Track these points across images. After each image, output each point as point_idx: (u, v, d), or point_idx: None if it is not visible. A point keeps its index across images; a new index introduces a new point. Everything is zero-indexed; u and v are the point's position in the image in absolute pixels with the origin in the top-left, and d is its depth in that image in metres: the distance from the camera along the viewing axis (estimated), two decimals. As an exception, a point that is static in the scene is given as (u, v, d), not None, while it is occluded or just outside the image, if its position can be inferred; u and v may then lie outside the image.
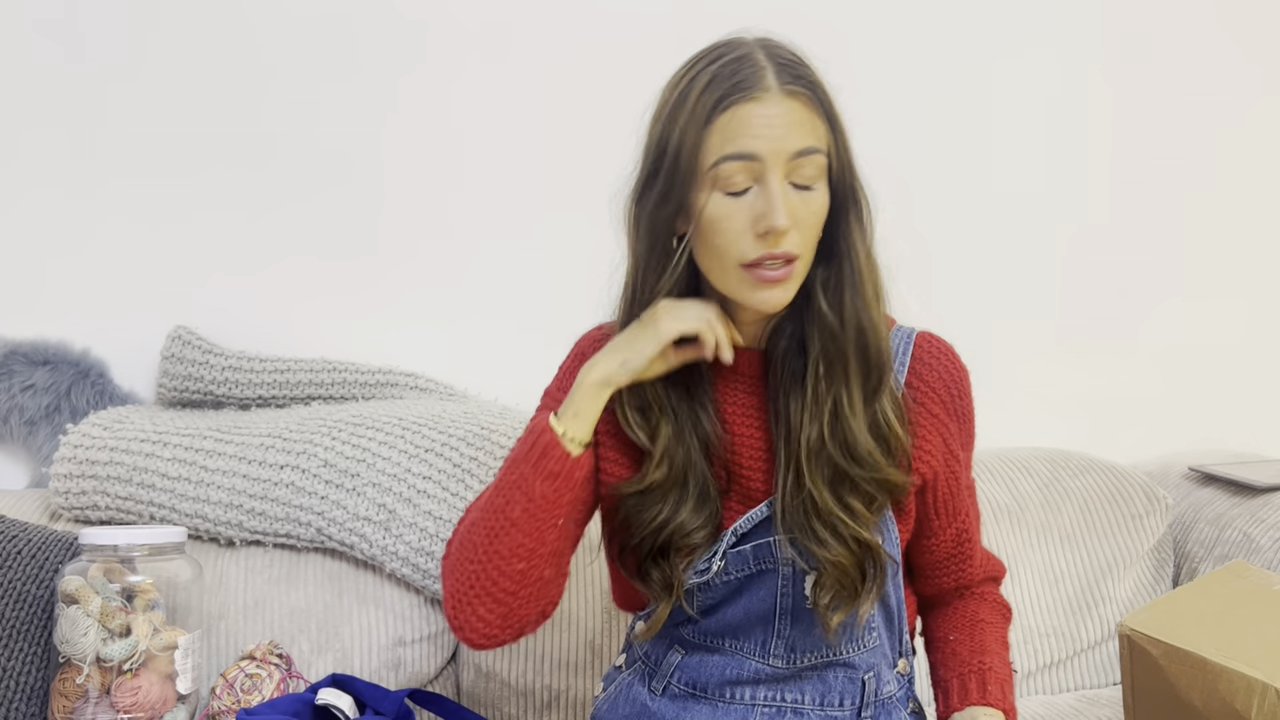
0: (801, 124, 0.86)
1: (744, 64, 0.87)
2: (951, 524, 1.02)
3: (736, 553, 0.94)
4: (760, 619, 0.95)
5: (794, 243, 0.87)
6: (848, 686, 0.97)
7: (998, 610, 1.07)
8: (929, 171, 1.75)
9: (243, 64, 1.53)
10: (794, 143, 0.85)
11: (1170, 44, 1.83)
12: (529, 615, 0.95)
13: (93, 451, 1.33)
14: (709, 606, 0.97)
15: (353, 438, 1.34)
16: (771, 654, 0.96)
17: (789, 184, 0.86)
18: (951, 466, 1.00)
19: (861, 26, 1.70)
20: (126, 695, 1.07)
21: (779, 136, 0.85)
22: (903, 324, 1.01)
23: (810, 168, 0.87)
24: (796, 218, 0.87)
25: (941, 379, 0.98)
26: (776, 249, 0.86)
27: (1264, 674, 0.94)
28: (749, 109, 0.85)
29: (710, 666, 0.97)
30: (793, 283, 0.89)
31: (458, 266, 1.60)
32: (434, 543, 1.29)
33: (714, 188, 0.87)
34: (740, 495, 0.96)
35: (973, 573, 1.06)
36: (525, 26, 1.60)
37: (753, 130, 0.85)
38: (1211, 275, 1.88)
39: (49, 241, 1.50)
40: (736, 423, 0.97)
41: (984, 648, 1.01)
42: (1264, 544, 1.47)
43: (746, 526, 0.94)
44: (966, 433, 1.02)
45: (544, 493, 0.90)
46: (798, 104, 0.86)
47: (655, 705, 0.99)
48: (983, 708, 0.95)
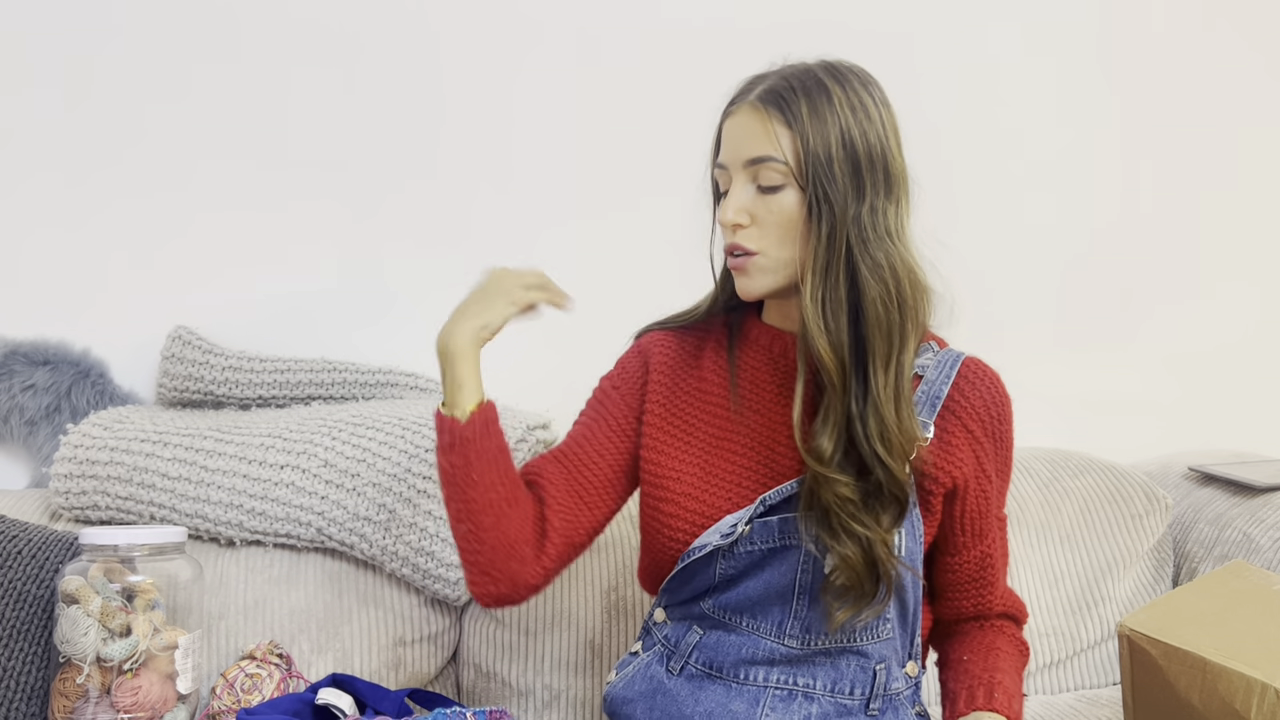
0: (759, 134, 0.96)
1: (753, 79, 1.00)
2: (977, 544, 1.04)
3: (763, 523, 0.97)
4: (779, 596, 0.98)
5: (748, 238, 0.97)
6: (859, 675, 0.99)
7: (1014, 644, 1.08)
8: (930, 171, 1.75)
9: (243, 63, 1.53)
10: (748, 151, 0.97)
11: (1176, 45, 1.83)
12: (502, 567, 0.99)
13: (93, 451, 1.33)
14: (730, 576, 0.99)
15: (353, 438, 1.34)
16: (787, 634, 0.98)
17: (755, 186, 0.97)
18: (982, 484, 1.03)
19: (866, 28, 1.70)
20: (127, 695, 1.08)
21: (737, 146, 0.98)
22: (954, 348, 1.05)
23: (766, 173, 0.96)
24: (754, 215, 0.97)
25: (984, 401, 1.02)
26: (732, 240, 0.98)
27: (1263, 674, 0.94)
28: (728, 124, 1.00)
29: (727, 646, 1.00)
30: (756, 274, 0.98)
31: (458, 266, 1.60)
32: (434, 542, 1.29)
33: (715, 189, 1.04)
34: (774, 474, 1.01)
35: (993, 601, 1.07)
36: (523, 26, 1.60)
37: (726, 142, 1.00)
38: (1212, 276, 1.88)
39: (49, 241, 1.50)
40: (780, 405, 1.03)
41: (996, 667, 1.02)
42: (1264, 544, 1.47)
43: (776, 499, 0.98)
44: (1003, 460, 1.05)
45: (452, 463, 0.98)
46: (763, 115, 0.96)
47: (671, 684, 1.02)
48: (988, 713, 0.96)
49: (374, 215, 1.58)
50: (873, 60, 1.71)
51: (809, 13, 1.67)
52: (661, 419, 1.06)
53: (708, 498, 1.01)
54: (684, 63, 1.63)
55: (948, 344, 1.05)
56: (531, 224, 1.62)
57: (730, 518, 0.99)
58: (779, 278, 0.98)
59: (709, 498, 1.01)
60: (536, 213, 1.62)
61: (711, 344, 1.09)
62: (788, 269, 0.97)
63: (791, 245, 0.96)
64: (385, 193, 1.58)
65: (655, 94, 1.63)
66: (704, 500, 1.01)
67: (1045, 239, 1.81)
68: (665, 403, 1.07)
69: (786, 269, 0.97)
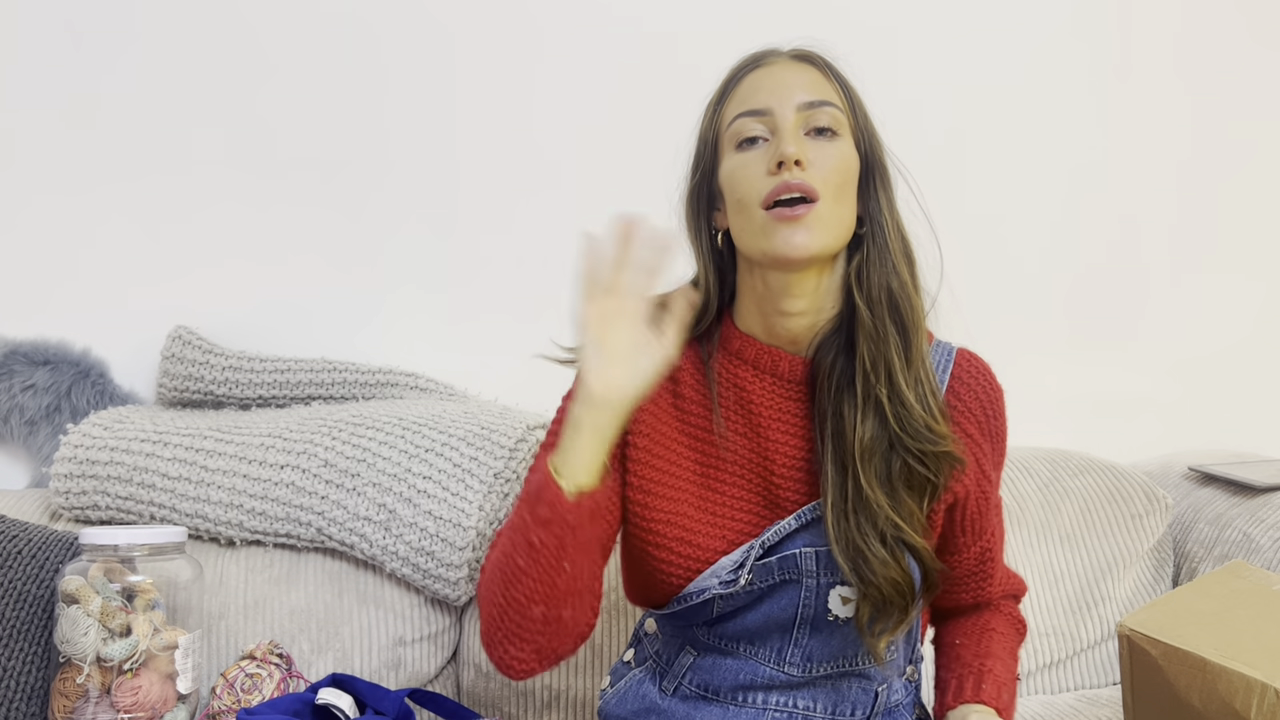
0: (810, 82, 0.90)
1: (761, 51, 0.95)
2: (976, 542, 1.02)
3: (762, 564, 0.92)
4: (779, 627, 0.94)
5: (811, 178, 0.86)
6: (860, 697, 0.96)
7: (1011, 623, 1.07)
8: (930, 170, 1.75)
9: (244, 63, 1.53)
10: (801, 95, 0.89)
11: (1185, 43, 1.83)
12: (562, 648, 0.89)
13: (93, 451, 1.33)
14: (728, 613, 0.95)
15: (353, 438, 1.34)
16: (787, 662, 0.94)
17: (804, 133, 0.89)
18: (983, 486, 1.00)
19: (882, 18, 1.70)
20: (127, 695, 1.07)
21: (787, 89, 0.89)
22: (941, 339, 1.00)
23: (824, 117, 0.89)
24: (811, 158, 0.87)
25: (978, 398, 0.98)
26: (791, 178, 0.85)
27: (1263, 674, 0.94)
28: (758, 74, 0.91)
29: (723, 670, 0.96)
30: (816, 226, 0.86)
31: (458, 266, 1.60)
32: (434, 542, 1.29)
33: (731, 147, 0.91)
34: (770, 504, 0.95)
35: (991, 591, 1.06)
36: (519, 26, 1.60)
37: (763, 89, 0.90)
38: (1212, 276, 1.88)
39: (49, 241, 1.50)
40: (773, 429, 0.95)
41: (988, 652, 1.01)
42: (1264, 544, 1.47)
43: (775, 539, 0.92)
44: (999, 452, 1.01)
45: (543, 540, 0.82)
46: (807, 66, 0.91)
47: (665, 704, 0.98)
48: (975, 705, 0.95)
49: (374, 215, 1.58)
50: (888, 53, 1.72)
51: (808, 12, 1.67)
52: (646, 453, 0.95)
53: (702, 540, 0.94)
54: (681, 64, 1.63)
55: (934, 335, 0.99)
56: (532, 223, 1.62)
57: (728, 561, 0.92)
58: (831, 238, 0.88)
59: (703, 540, 0.94)
60: (537, 212, 1.62)
61: (688, 359, 0.98)
62: (840, 230, 0.89)
63: (849, 203, 0.89)
64: (385, 193, 1.58)
65: (655, 94, 1.63)
66: (698, 544, 0.94)
67: (1047, 239, 1.81)
68: (648, 433, 0.96)
69: (839, 229, 0.89)
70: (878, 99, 0.97)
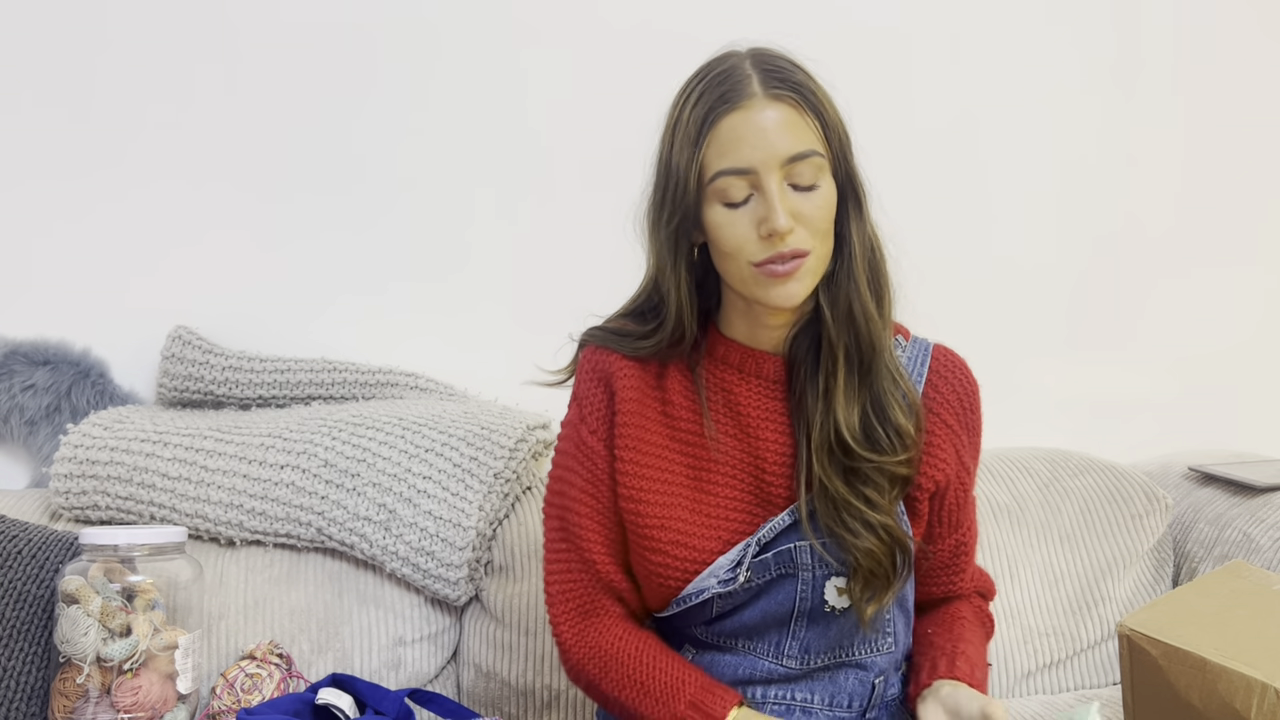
0: (791, 127, 0.87)
1: (730, 75, 0.89)
2: (953, 534, 1.04)
3: (759, 561, 0.94)
4: (776, 621, 0.96)
5: (800, 239, 0.88)
6: (857, 688, 0.98)
7: (979, 615, 1.08)
8: (931, 170, 1.75)
9: (244, 63, 1.53)
10: (785, 148, 0.87)
11: (1185, 42, 1.83)
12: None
13: (93, 451, 1.33)
14: (727, 611, 0.97)
15: (353, 438, 1.34)
16: (785, 655, 0.97)
17: (788, 186, 0.88)
18: (962, 477, 1.02)
19: (882, 18, 1.70)
20: (127, 695, 1.07)
21: (769, 145, 0.86)
22: (918, 336, 1.03)
23: (807, 169, 0.88)
24: (800, 216, 0.88)
25: (955, 392, 1.01)
26: (784, 248, 0.87)
27: (1263, 674, 0.94)
28: (736, 119, 0.87)
29: (722, 665, 0.98)
30: (806, 276, 0.90)
31: (458, 266, 1.60)
32: (434, 543, 1.29)
33: (716, 200, 0.89)
34: (763, 501, 0.97)
35: (963, 585, 1.07)
36: (511, 21, 1.60)
37: (744, 142, 0.87)
38: (1212, 276, 1.88)
39: (50, 241, 1.49)
40: (762, 428, 0.98)
41: (960, 637, 1.02)
42: (1264, 544, 1.47)
43: (770, 536, 0.95)
44: (975, 446, 1.04)
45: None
46: (784, 107, 0.88)
47: None
48: (947, 680, 0.95)
49: (374, 215, 1.58)
50: (888, 53, 1.72)
51: (833, 14, 1.67)
52: (636, 463, 0.97)
53: (698, 542, 0.95)
54: (681, 65, 1.63)
55: (910, 331, 1.03)
56: (532, 224, 1.62)
57: (725, 560, 0.95)
58: (819, 274, 0.92)
59: (699, 542, 0.95)
60: (537, 212, 1.62)
61: (674, 367, 1.00)
62: (826, 261, 0.92)
63: (829, 236, 0.92)
64: (385, 194, 1.58)
65: (654, 94, 1.62)
66: (694, 546, 0.95)
67: (1047, 239, 1.81)
68: (637, 443, 0.97)
69: (826, 263, 0.92)
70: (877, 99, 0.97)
